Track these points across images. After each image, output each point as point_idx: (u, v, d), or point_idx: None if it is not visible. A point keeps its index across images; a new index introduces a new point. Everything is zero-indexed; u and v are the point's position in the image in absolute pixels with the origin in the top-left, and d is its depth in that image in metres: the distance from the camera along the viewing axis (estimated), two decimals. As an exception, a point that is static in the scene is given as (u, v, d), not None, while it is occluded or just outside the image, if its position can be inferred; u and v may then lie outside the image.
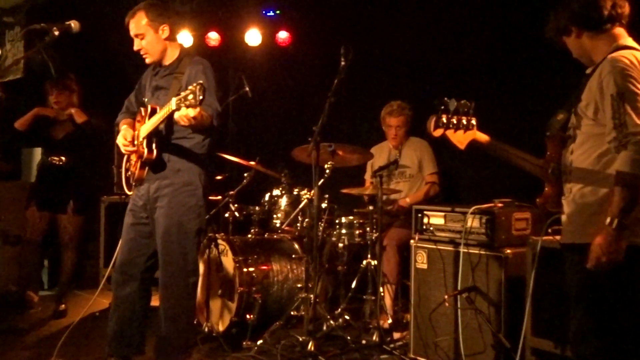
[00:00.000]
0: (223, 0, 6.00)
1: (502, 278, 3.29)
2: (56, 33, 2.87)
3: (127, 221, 3.31)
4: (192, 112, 2.74)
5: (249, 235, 4.48)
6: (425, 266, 3.69)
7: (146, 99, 3.34)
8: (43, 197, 4.76)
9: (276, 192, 4.45)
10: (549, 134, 2.38)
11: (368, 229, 4.14)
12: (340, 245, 4.22)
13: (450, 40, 4.72)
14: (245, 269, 4.07)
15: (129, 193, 3.36)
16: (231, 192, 4.52)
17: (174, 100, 2.81)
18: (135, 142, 3.21)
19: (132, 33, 3.24)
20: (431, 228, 3.68)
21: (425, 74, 4.87)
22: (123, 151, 3.31)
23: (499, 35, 4.42)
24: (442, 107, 2.34)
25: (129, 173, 3.31)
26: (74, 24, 2.90)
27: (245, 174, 4.62)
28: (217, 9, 6.02)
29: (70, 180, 4.69)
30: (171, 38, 3.28)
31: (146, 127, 3.13)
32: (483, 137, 2.43)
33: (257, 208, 4.51)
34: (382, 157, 4.57)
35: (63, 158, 4.67)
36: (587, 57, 2.34)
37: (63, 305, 4.78)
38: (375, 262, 3.97)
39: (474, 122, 2.36)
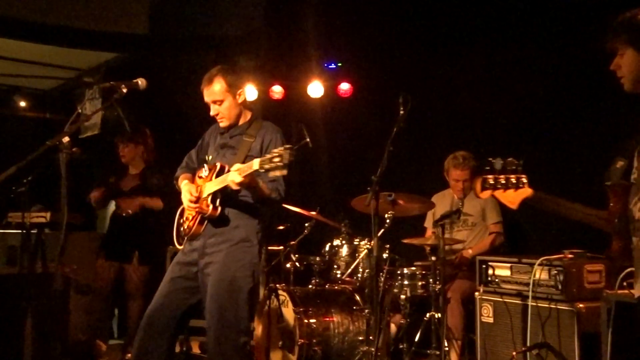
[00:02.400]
0: (286, 55, 6.18)
1: (576, 334, 3.11)
2: (124, 90, 3.01)
3: (173, 274, 3.26)
4: (278, 172, 2.74)
5: (310, 286, 4.45)
6: (491, 320, 3.54)
7: (210, 157, 3.36)
8: (111, 247, 4.92)
9: (336, 242, 4.42)
10: (609, 183, 2.22)
11: (431, 280, 4.02)
12: (402, 297, 4.11)
13: (510, 87, 4.67)
14: (305, 320, 4.02)
15: (178, 247, 3.37)
16: (292, 242, 4.53)
17: (256, 161, 2.82)
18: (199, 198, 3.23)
19: (208, 99, 3.25)
20: (497, 280, 3.55)
21: (486, 122, 4.82)
22: (186, 206, 3.32)
23: (558, 82, 4.36)
24: (488, 168, 2.25)
25: (184, 227, 3.32)
26: (140, 82, 3.05)
27: (306, 224, 4.63)
28: (281, 64, 6.20)
29: (136, 231, 4.83)
30: (246, 103, 3.33)
31: (213, 185, 3.14)
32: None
33: (317, 258, 4.48)
34: (444, 205, 4.48)
35: (130, 210, 4.83)
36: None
37: (129, 355, 4.85)
38: (439, 315, 3.83)
39: (524, 179, 2.20)
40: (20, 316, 4.25)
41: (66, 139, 2.93)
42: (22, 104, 7.78)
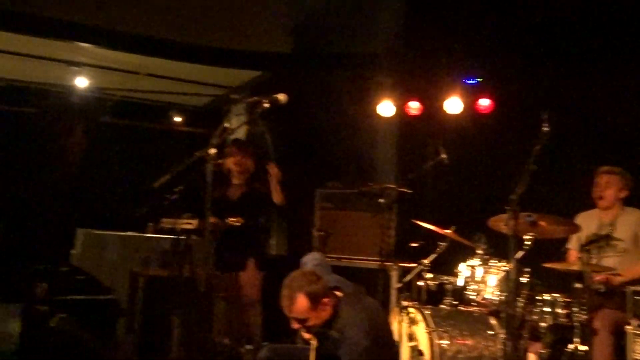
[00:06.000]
0: (424, 70, 6.14)
1: None
2: (266, 105, 3.17)
3: None
4: None
5: (442, 306, 4.34)
6: (644, 358, 3.22)
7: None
8: (225, 258, 4.88)
9: (472, 262, 4.27)
10: None
11: (575, 309, 3.74)
12: (543, 324, 3.86)
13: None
14: (437, 341, 3.92)
15: None
16: (425, 261, 4.45)
17: None
18: None
19: (290, 314, 3.12)
20: (652, 313, 3.22)
21: (636, 140, 4.44)
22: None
23: None
24: None
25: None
26: (281, 97, 3.19)
27: (441, 242, 4.53)
28: (418, 79, 6.17)
29: (248, 238, 4.89)
30: (327, 300, 3.14)
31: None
32: None
33: (451, 278, 4.36)
34: (590, 227, 4.17)
35: (240, 219, 4.76)
36: None
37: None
38: (585, 347, 3.56)
39: None
40: (169, 317, 4.58)
41: (212, 151, 3.14)
42: (177, 119, 8.43)
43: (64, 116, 7.73)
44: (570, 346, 3.64)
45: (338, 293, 3.23)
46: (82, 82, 7.07)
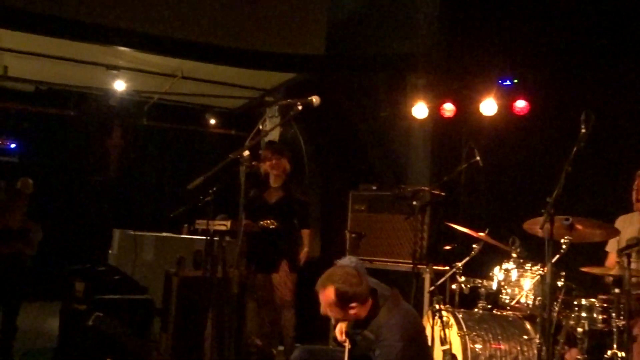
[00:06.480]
0: (458, 72, 6.08)
1: None
2: (299, 107, 3.19)
3: None
4: None
5: (476, 310, 4.29)
6: (687, 366, 3.12)
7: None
8: (259, 259, 5.07)
9: (506, 265, 4.21)
10: None
11: (613, 314, 3.65)
12: (580, 330, 3.77)
13: None
14: (470, 345, 3.88)
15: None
16: (458, 264, 4.40)
17: None
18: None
19: (322, 302, 3.16)
20: (695, 320, 3.12)
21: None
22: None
23: None
24: None
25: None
26: (314, 99, 3.20)
27: (474, 245, 4.47)
28: (453, 81, 6.11)
29: (282, 240, 4.99)
30: (367, 302, 3.17)
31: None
32: None
33: (485, 281, 4.31)
34: (630, 229, 4.05)
35: (275, 222, 4.90)
36: None
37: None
38: (623, 354, 3.47)
39: None
40: (202, 317, 4.63)
41: (246, 153, 3.17)
42: (212, 121, 8.55)
43: (103, 119, 7.91)
44: (608, 352, 3.56)
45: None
46: (120, 85, 7.21)
